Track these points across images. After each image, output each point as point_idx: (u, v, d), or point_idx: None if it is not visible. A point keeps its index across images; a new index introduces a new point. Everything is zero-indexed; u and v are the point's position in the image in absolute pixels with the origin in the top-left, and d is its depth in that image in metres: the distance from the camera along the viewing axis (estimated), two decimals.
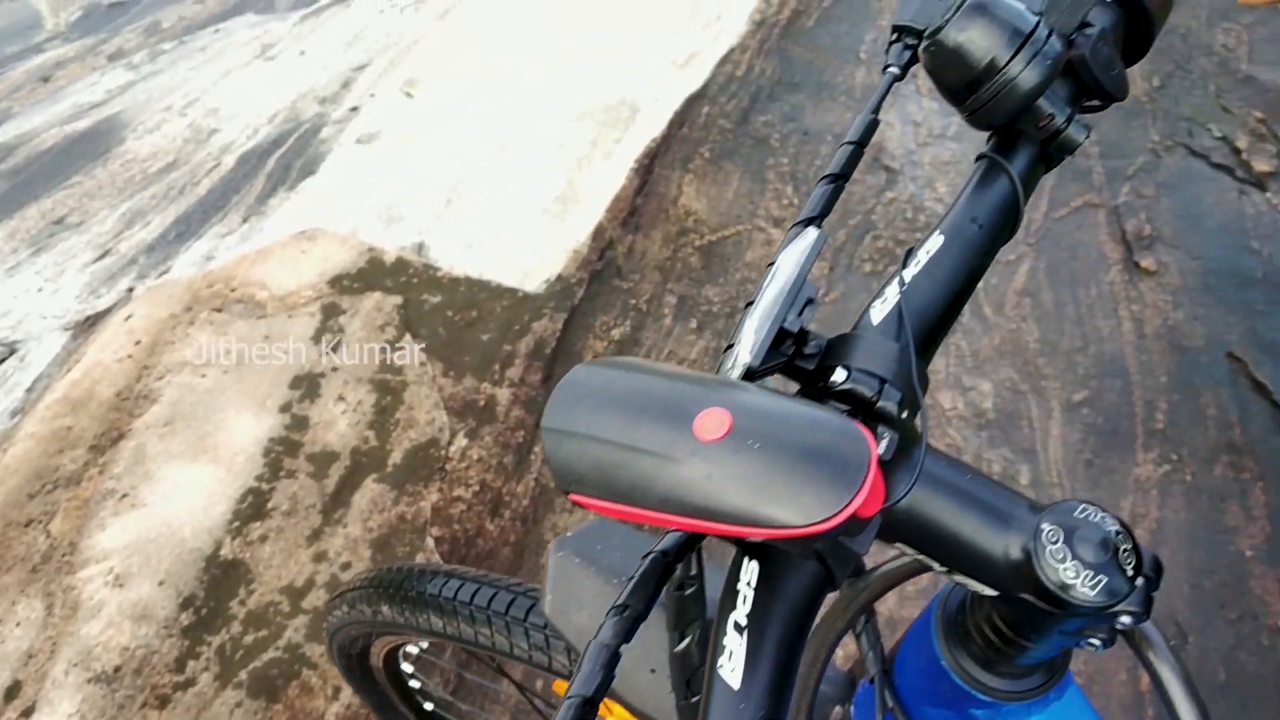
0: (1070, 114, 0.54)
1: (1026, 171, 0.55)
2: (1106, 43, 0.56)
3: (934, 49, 0.51)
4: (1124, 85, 0.56)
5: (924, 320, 0.49)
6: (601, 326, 1.96)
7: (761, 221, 2.16)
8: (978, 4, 0.50)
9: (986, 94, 0.51)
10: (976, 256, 0.52)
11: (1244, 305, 1.95)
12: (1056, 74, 0.51)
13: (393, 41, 3.02)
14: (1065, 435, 1.79)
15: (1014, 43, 0.49)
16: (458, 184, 2.28)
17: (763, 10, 2.69)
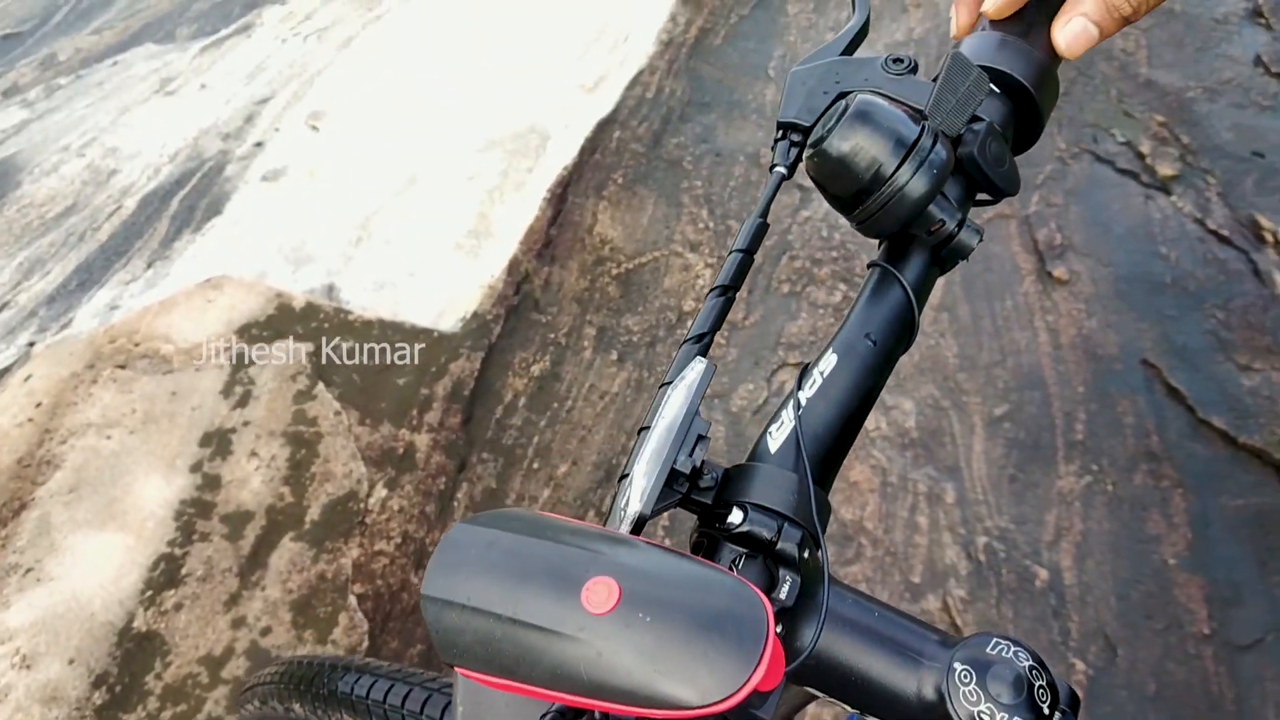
0: (961, 218, 0.53)
1: (920, 279, 0.54)
2: (995, 138, 0.55)
3: (818, 159, 0.50)
4: (1015, 180, 0.56)
5: (822, 445, 0.48)
6: (520, 363, 1.93)
7: (678, 246, 2.15)
8: (860, 112, 0.49)
9: (874, 204, 0.49)
10: (872, 375, 0.51)
11: (1155, 311, 1.98)
12: (944, 180, 0.50)
13: (296, 72, 2.96)
14: (988, 451, 1.80)
15: (899, 152, 0.48)
16: (367, 220, 2.23)
17: (670, 30, 2.68)
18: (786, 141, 0.58)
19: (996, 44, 0.60)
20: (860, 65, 0.58)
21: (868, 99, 0.50)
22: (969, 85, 0.51)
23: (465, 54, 2.78)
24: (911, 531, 1.70)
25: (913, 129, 0.49)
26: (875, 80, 0.57)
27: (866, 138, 0.49)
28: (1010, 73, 0.58)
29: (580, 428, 1.84)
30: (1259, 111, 2.42)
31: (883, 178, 0.48)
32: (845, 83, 0.58)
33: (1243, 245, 2.08)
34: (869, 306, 0.53)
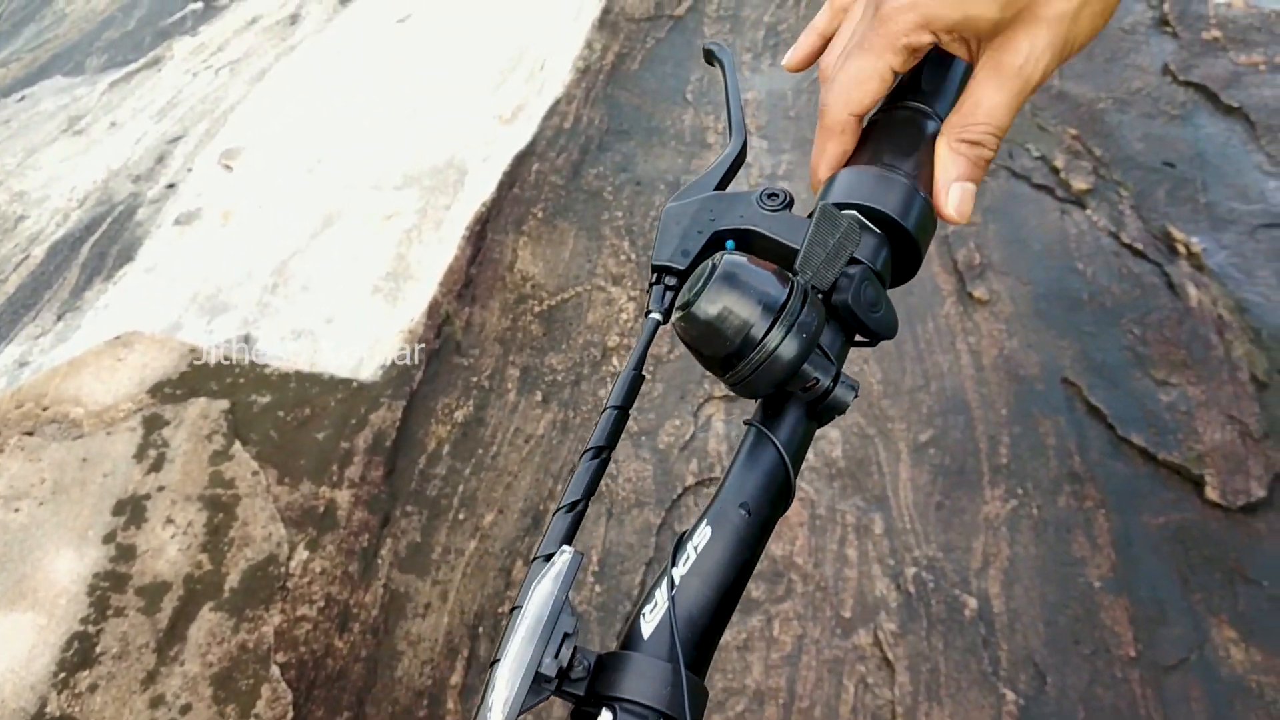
0: (836, 373, 0.52)
1: (795, 440, 0.53)
2: (870, 282, 0.54)
3: (685, 323, 0.49)
4: (892, 323, 0.55)
5: (697, 628, 0.47)
6: (444, 409, 1.90)
7: (601, 280, 2.13)
8: (727, 274, 0.48)
9: (746, 369, 0.48)
10: (748, 547, 0.49)
11: (1074, 329, 2.00)
12: (816, 340, 0.49)
13: (208, 108, 2.90)
14: (915, 478, 1.80)
15: (768, 315, 0.47)
16: (283, 265, 2.19)
17: (586, 56, 2.66)
18: (661, 286, 0.57)
19: (868, 178, 0.58)
20: (734, 201, 0.58)
21: (734, 261, 0.49)
22: (839, 237, 0.51)
23: (381, 85, 2.74)
24: (841, 565, 1.70)
25: (780, 290, 0.48)
26: (750, 217, 0.56)
27: (734, 302, 0.48)
28: (883, 210, 0.56)
29: (506, 474, 1.81)
30: (1168, 121, 2.46)
31: (753, 342, 0.48)
32: (720, 220, 0.57)
33: (1156, 258, 2.11)
34: (744, 471, 0.51)
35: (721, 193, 0.59)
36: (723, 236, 0.57)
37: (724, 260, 0.49)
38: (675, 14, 2.83)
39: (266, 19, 3.40)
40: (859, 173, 0.58)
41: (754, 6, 2.84)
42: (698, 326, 0.48)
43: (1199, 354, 1.93)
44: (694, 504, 1.78)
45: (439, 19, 2.97)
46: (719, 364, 0.49)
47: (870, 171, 0.58)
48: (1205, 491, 1.73)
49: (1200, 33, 2.69)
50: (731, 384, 0.50)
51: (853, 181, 0.58)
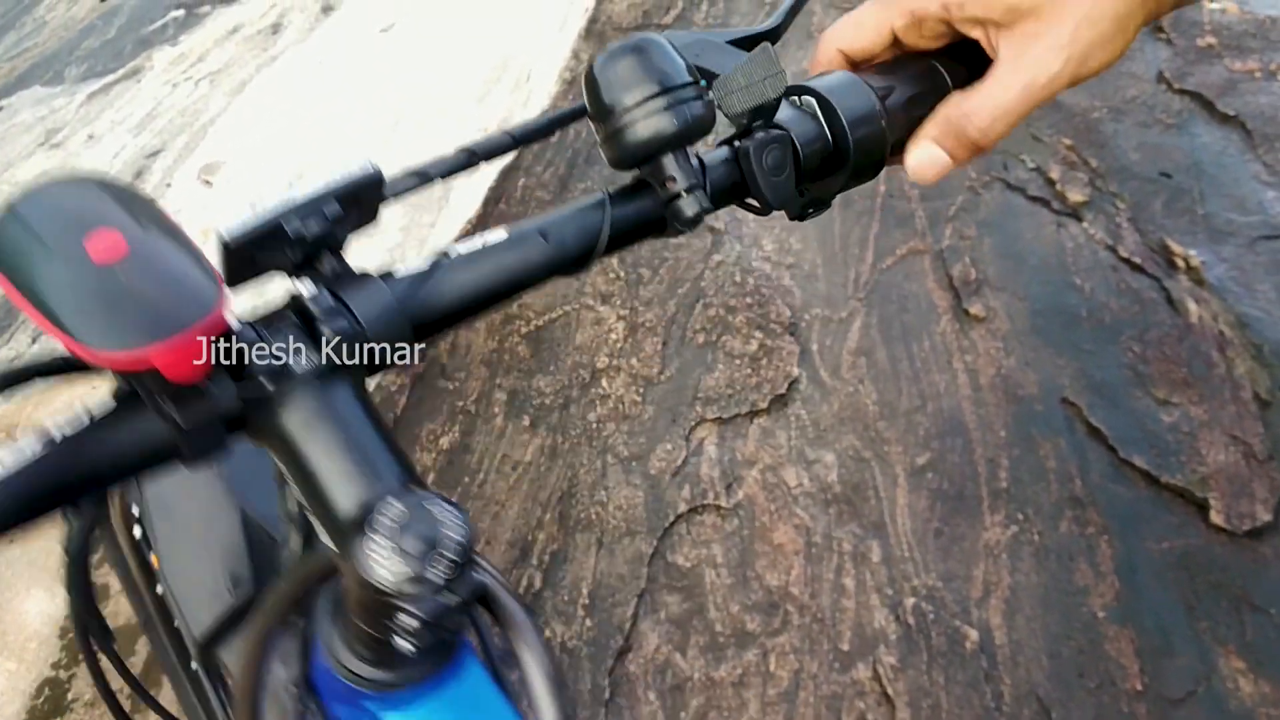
0: (694, 185, 0.52)
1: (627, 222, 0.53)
2: (783, 150, 0.54)
3: (589, 72, 0.51)
4: (787, 200, 0.55)
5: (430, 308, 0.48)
6: (429, 436, 1.85)
7: (589, 299, 2.08)
8: (637, 45, 0.50)
9: (615, 123, 0.50)
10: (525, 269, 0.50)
11: (1072, 346, 1.96)
12: (689, 136, 0.50)
13: (188, 121, 2.85)
14: (912, 503, 1.76)
15: (655, 87, 0.49)
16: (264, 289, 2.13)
17: (573, 67, 2.61)
18: None
19: (848, 80, 0.57)
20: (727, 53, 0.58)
21: (653, 38, 0.51)
22: (764, 79, 0.51)
23: (363, 97, 2.69)
24: (838, 595, 1.65)
25: (681, 75, 0.50)
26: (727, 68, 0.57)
27: (633, 64, 0.49)
28: (834, 105, 0.56)
29: (493, 503, 1.76)
30: (1164, 130, 2.42)
31: (629, 101, 0.49)
32: (702, 60, 0.57)
33: (1155, 273, 2.07)
34: (567, 216, 0.52)
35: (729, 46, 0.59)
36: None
37: (644, 35, 0.51)
38: (663, 23, 2.78)
39: (248, 28, 3.35)
40: (842, 76, 0.58)
41: (742, 15, 2.79)
42: (592, 77, 0.51)
43: (1200, 372, 1.89)
44: (686, 532, 1.74)
45: (422, 28, 2.91)
46: (600, 114, 0.51)
47: (852, 78, 0.57)
48: (1210, 516, 1.69)
49: (1195, 39, 2.65)
50: (602, 140, 0.51)
51: (831, 78, 0.58)
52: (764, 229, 2.20)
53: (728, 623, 1.62)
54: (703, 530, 1.74)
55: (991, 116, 0.56)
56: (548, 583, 1.67)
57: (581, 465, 1.82)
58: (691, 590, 1.66)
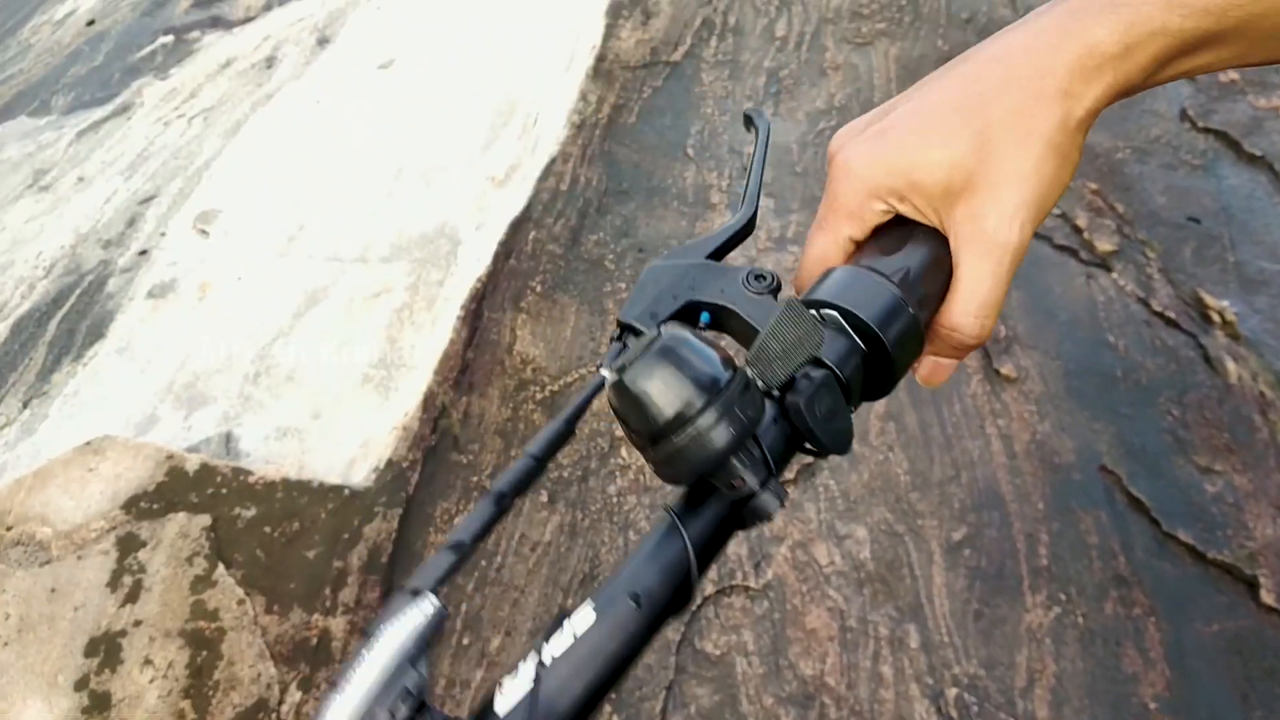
0: (765, 477, 0.48)
1: (708, 538, 0.49)
2: (830, 391, 0.51)
3: (616, 391, 0.47)
4: (844, 439, 0.52)
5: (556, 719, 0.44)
6: (443, 515, 1.77)
7: None
8: (667, 348, 0.46)
9: (669, 449, 0.46)
10: (632, 642, 0.46)
11: (1109, 409, 1.89)
12: (748, 434, 0.46)
13: (182, 164, 2.76)
14: (950, 583, 1.69)
15: (703, 397, 0.45)
16: (266, 350, 2.05)
17: (582, 109, 2.53)
18: (620, 344, 0.55)
19: (857, 278, 0.55)
20: (720, 274, 0.56)
21: (679, 335, 0.47)
22: (799, 336, 0.48)
23: (364, 141, 2.61)
24: (876, 685, 1.58)
25: (722, 374, 0.46)
26: (731, 294, 0.55)
27: (670, 376, 0.45)
28: (862, 317, 0.53)
29: (512, 589, 1.69)
30: (1190, 171, 2.35)
31: (682, 421, 0.45)
32: (699, 291, 0.55)
33: (1190, 328, 2.00)
34: (645, 559, 0.48)
35: (711, 263, 0.58)
36: (697, 308, 0.56)
37: (666, 332, 0.47)
38: (672, 60, 2.70)
39: (241, 61, 3.26)
40: (852, 274, 0.55)
41: (753, 51, 2.71)
42: (627, 397, 0.46)
43: (1243, 437, 1.82)
44: (715, 615, 1.66)
45: (423, 65, 2.83)
46: (645, 440, 0.47)
47: (863, 274, 0.55)
48: (1260, 594, 1.63)
49: (1217, 76, 2.58)
50: (654, 464, 0.47)
51: (843, 282, 0.55)
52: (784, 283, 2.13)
53: (761, 716, 1.54)
54: (732, 614, 1.66)
55: (977, 321, 0.55)
56: None
57: (603, 544, 1.75)
58: (722, 680, 1.59)
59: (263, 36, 3.33)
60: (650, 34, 2.76)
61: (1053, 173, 0.53)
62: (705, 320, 0.55)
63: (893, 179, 0.56)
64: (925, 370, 0.59)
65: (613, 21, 2.78)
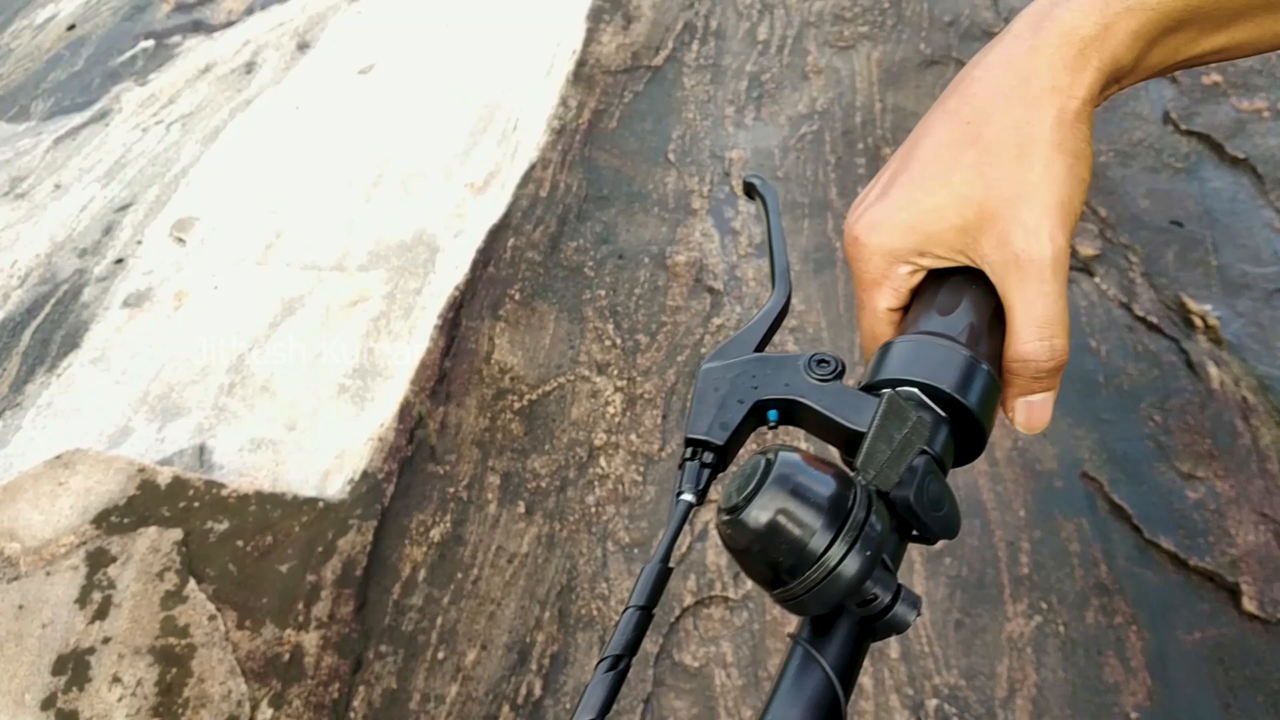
0: (896, 589, 0.46)
1: (848, 662, 0.46)
2: (935, 477, 0.49)
3: (733, 530, 0.43)
4: (955, 523, 0.49)
5: None
6: (419, 527, 1.75)
7: (584, 369, 1.99)
8: (782, 476, 0.43)
9: (800, 588, 0.43)
10: None
11: (1090, 415, 1.88)
12: (881, 554, 0.44)
13: (159, 171, 2.73)
14: (931, 592, 1.67)
15: (830, 527, 0.42)
16: (241, 359, 2.03)
17: (562, 115, 2.51)
18: (697, 462, 0.52)
19: (924, 351, 0.53)
20: (779, 366, 0.54)
21: (790, 461, 0.44)
22: (907, 433, 0.45)
23: (343, 147, 2.59)
24: (856, 695, 1.56)
25: (843, 496, 0.43)
26: (797, 386, 0.52)
27: (790, 510, 0.42)
28: (943, 388, 0.52)
29: (489, 601, 1.67)
30: (1173, 175, 2.34)
31: (811, 557, 0.42)
32: (763, 388, 0.53)
33: (1173, 333, 1.99)
34: (789, 701, 0.45)
35: (763, 355, 0.56)
36: (766, 406, 0.53)
37: (779, 459, 0.44)
38: (653, 64, 2.69)
39: (220, 67, 3.23)
40: (914, 344, 0.54)
41: (735, 55, 2.70)
42: (747, 535, 0.43)
43: (1225, 443, 1.81)
44: (694, 627, 1.65)
45: (403, 70, 2.81)
46: (769, 578, 0.44)
47: (926, 342, 0.54)
48: (1242, 602, 1.61)
49: (1200, 77, 2.58)
50: (781, 600, 0.44)
51: (908, 354, 0.54)
52: (763, 288, 2.11)
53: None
54: (711, 625, 1.65)
55: (1044, 345, 0.52)
56: (548, 689, 1.57)
57: (581, 555, 1.73)
58: (701, 693, 1.57)
59: (243, 41, 3.31)
60: (631, 38, 2.74)
61: (1065, 173, 0.51)
62: (774, 418, 0.53)
63: (906, 239, 0.55)
64: (1021, 416, 0.56)
65: (593, 26, 2.76)
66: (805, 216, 2.25)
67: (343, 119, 2.67)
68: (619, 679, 0.43)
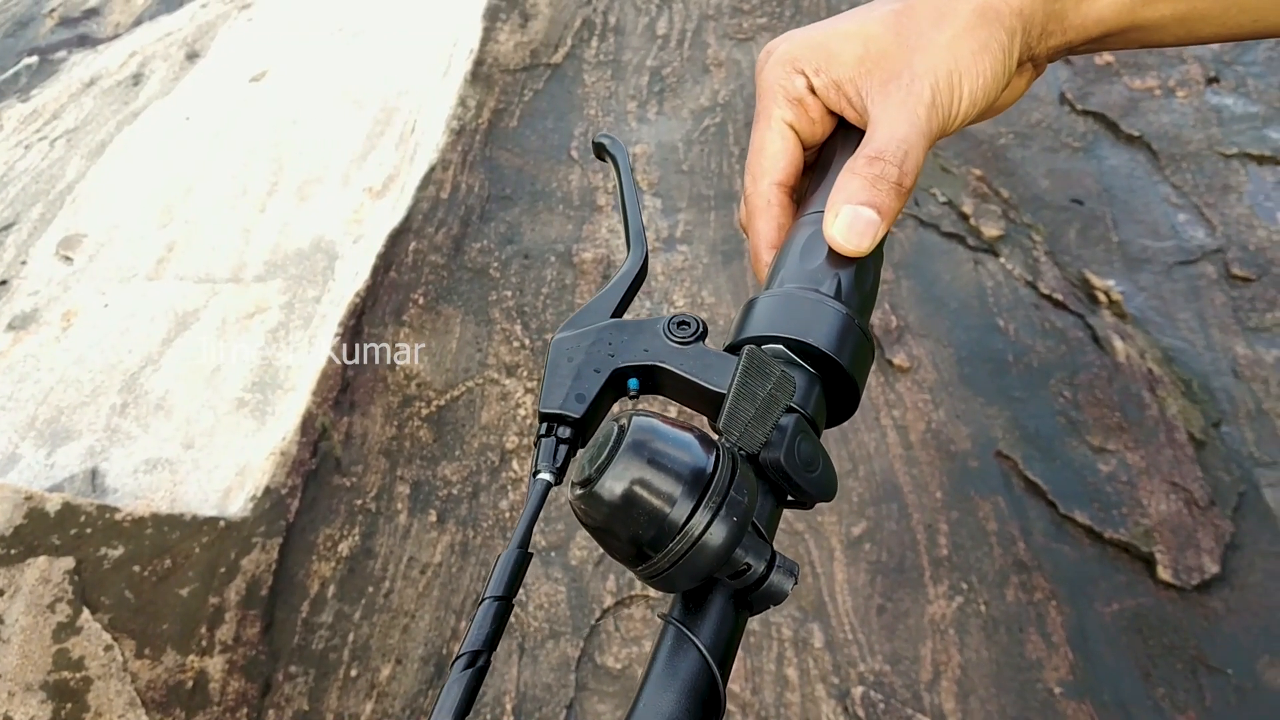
0: (770, 556, 0.42)
1: (724, 639, 0.43)
2: (806, 436, 0.45)
3: (587, 505, 0.40)
4: (829, 484, 0.46)
5: None
6: (326, 542, 1.69)
7: (493, 372, 1.94)
8: (637, 443, 0.39)
9: (664, 561, 0.39)
10: None
11: (1002, 394, 1.88)
12: (750, 518, 0.41)
13: (43, 189, 2.62)
14: (852, 579, 1.66)
15: (691, 494, 0.39)
16: (134, 377, 1.95)
17: (461, 115, 2.46)
18: (553, 439, 0.48)
19: (792, 305, 0.50)
20: (637, 331, 0.50)
21: (647, 424, 0.40)
22: (771, 388, 0.42)
23: (237, 155, 2.51)
24: (782, 688, 1.54)
25: (705, 459, 0.40)
26: (657, 351, 0.49)
27: (648, 478, 0.39)
28: (812, 343, 0.49)
29: (402, 614, 1.61)
30: (1071, 154, 2.37)
31: (673, 528, 0.39)
32: (620, 355, 0.49)
33: (1078, 309, 2.01)
34: (662, 684, 0.42)
35: (621, 320, 0.52)
36: (625, 375, 0.50)
37: (633, 424, 0.40)
38: (552, 61, 2.65)
39: (106, 79, 3.12)
40: (781, 298, 0.51)
41: (635, 50, 2.67)
42: (602, 509, 0.39)
43: (1134, 415, 1.83)
44: (615, 628, 1.61)
45: (297, 76, 2.73)
46: (631, 555, 0.40)
47: (795, 296, 0.50)
48: (1157, 571, 1.63)
49: (1093, 57, 2.62)
50: (647, 578, 0.41)
51: (774, 309, 0.50)
52: (674, 283, 2.09)
53: None
54: (632, 625, 1.61)
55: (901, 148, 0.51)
56: None
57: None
58: (625, 696, 1.54)
59: (129, 53, 3.20)
60: (529, 36, 2.70)
61: (969, 56, 0.52)
62: (634, 387, 0.50)
63: (812, 51, 0.55)
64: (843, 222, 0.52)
65: (490, 25, 2.72)
66: (712, 208, 2.24)
67: (235, 128, 2.59)
68: (478, 677, 0.39)
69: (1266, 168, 2.26)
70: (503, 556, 0.42)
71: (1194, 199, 2.19)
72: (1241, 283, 2.02)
